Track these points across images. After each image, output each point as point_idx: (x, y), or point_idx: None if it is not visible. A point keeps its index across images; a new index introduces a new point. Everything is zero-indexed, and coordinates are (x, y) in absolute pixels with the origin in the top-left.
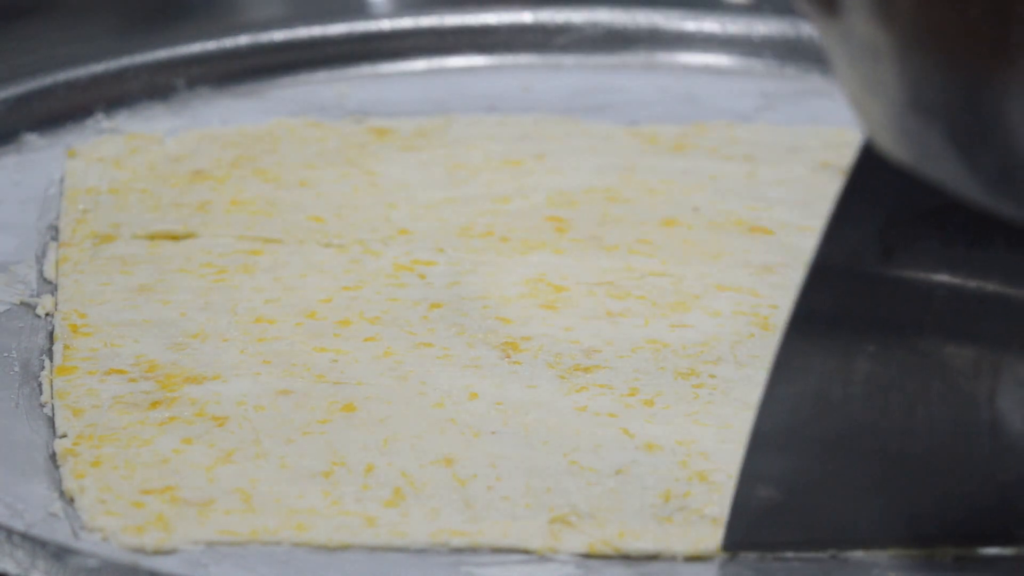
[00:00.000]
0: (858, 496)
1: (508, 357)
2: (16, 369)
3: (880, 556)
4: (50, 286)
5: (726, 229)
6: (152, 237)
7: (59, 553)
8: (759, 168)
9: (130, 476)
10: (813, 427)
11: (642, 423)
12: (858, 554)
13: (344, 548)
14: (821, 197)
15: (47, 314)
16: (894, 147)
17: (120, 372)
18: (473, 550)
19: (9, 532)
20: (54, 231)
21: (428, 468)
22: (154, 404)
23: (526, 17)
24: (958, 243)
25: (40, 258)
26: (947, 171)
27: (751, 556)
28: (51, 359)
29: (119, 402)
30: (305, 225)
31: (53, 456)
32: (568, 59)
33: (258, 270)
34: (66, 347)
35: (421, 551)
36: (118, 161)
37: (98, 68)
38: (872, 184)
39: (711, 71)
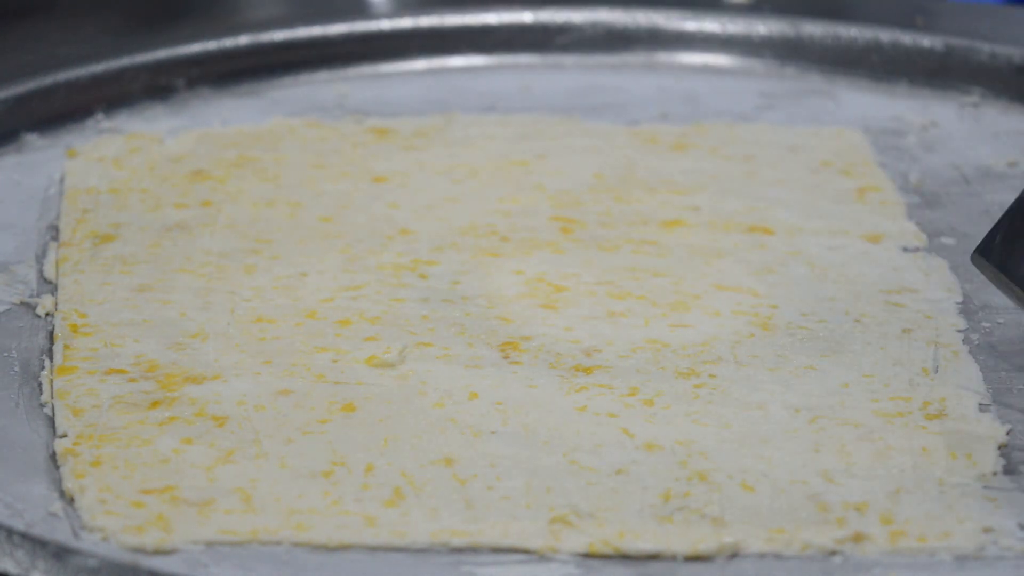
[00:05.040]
0: None
1: (508, 357)
2: (16, 369)
3: (880, 556)
4: (50, 286)
5: (726, 229)
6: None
7: (59, 553)
8: (759, 168)
9: (130, 476)
10: None
11: (642, 423)
12: (858, 554)
13: (344, 548)
14: (821, 197)
15: (47, 314)
16: None
17: (120, 372)
18: (473, 550)
19: (9, 532)
20: (54, 231)
21: (428, 468)
22: (154, 404)
23: (526, 17)
24: None
25: (40, 258)
26: None
27: (751, 556)
28: (51, 359)
29: (119, 402)
30: (305, 225)
31: (53, 456)
32: (568, 59)
33: (258, 270)
34: (66, 347)
35: (421, 551)
36: (118, 161)
37: (98, 68)
38: None
39: (711, 71)
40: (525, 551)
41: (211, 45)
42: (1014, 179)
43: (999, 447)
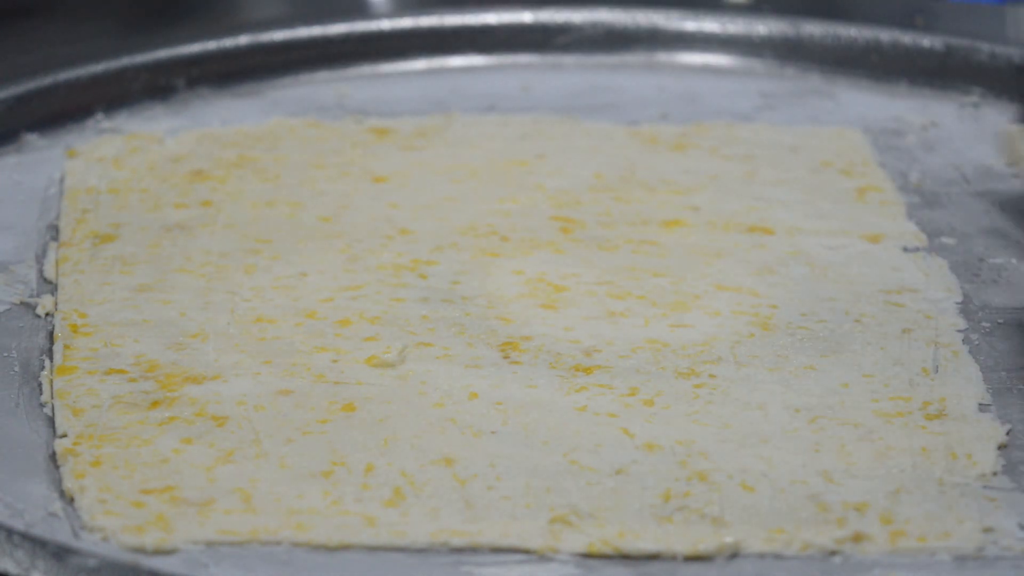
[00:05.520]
0: None
1: (508, 357)
2: (16, 369)
3: (880, 556)
4: (50, 286)
5: (726, 229)
6: None
7: (59, 553)
8: (759, 168)
9: (130, 476)
10: None
11: (642, 423)
12: (858, 554)
13: (344, 548)
14: (821, 197)
15: (47, 314)
16: None
17: (120, 372)
18: (473, 550)
19: (9, 532)
20: (54, 231)
21: (428, 468)
22: (154, 404)
23: (526, 17)
24: None
25: (40, 258)
26: None
27: (751, 556)
28: (51, 359)
29: (119, 402)
30: (305, 225)
31: (53, 456)
32: (568, 59)
33: (258, 270)
34: (66, 347)
35: (421, 551)
36: (118, 161)
37: (98, 68)
38: None
39: (711, 71)
40: (525, 551)
41: (211, 45)
42: (1014, 179)
43: (999, 447)
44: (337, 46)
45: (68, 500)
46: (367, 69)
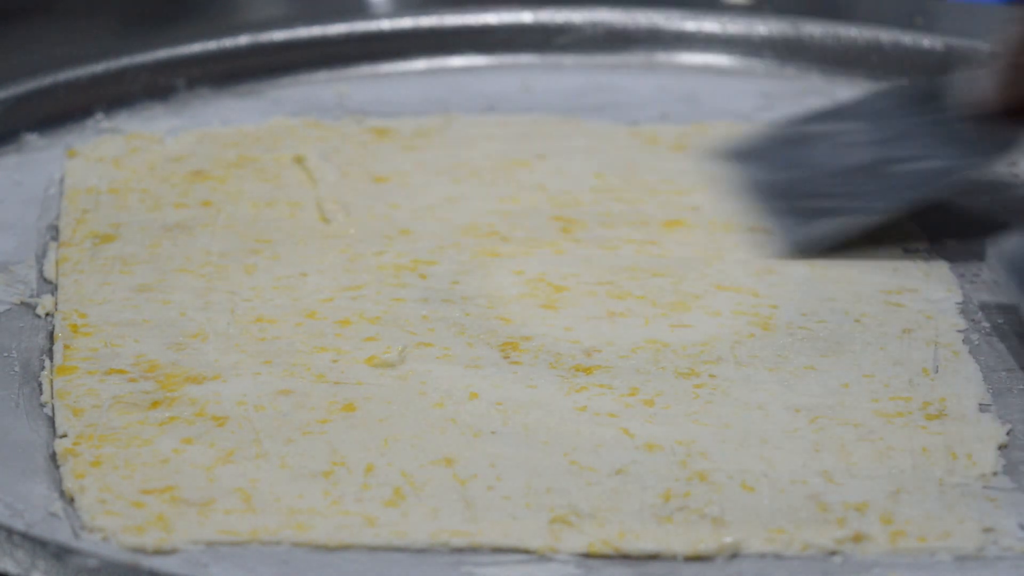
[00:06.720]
0: None
1: (508, 357)
2: (16, 369)
3: (880, 556)
4: (50, 286)
5: (726, 229)
6: None
7: (59, 553)
8: None
9: (130, 476)
10: None
11: (642, 423)
12: (858, 554)
13: (344, 548)
14: None
15: (47, 314)
16: None
17: (120, 372)
18: (473, 550)
19: (9, 532)
20: (54, 231)
21: (428, 468)
22: (154, 404)
23: (526, 17)
24: None
25: (40, 258)
26: None
27: (751, 556)
28: (51, 359)
29: (119, 402)
30: (305, 225)
31: (53, 456)
32: (568, 59)
33: (258, 270)
34: (66, 347)
35: (421, 551)
36: (118, 161)
37: (98, 68)
38: None
39: (711, 71)
40: (525, 551)
41: (211, 45)
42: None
43: (999, 447)
44: (337, 46)
45: (68, 500)
46: (367, 69)
